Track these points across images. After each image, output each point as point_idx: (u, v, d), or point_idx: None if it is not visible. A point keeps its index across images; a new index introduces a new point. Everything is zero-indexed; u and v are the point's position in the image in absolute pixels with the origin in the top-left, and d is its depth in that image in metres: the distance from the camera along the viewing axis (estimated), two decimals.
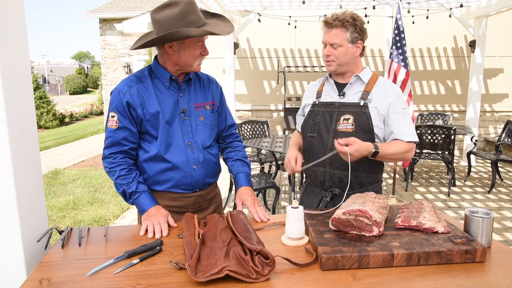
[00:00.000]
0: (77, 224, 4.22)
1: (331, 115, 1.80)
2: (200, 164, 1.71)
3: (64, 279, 1.16)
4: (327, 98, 1.85)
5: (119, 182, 1.63)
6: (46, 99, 15.05)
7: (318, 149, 1.82)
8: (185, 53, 1.59)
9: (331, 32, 1.72)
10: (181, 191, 1.72)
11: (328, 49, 1.75)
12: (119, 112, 1.61)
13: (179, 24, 1.51)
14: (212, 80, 1.83)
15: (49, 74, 42.82)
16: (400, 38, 4.45)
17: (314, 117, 1.86)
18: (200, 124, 1.71)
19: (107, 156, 1.64)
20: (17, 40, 1.41)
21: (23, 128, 1.43)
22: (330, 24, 1.72)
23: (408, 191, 5.17)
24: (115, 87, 1.64)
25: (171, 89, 1.66)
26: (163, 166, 1.67)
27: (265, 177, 4.20)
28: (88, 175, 6.59)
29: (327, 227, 1.40)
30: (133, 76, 1.66)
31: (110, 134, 1.63)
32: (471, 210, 1.38)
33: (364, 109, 1.74)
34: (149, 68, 1.69)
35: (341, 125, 1.76)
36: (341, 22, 1.70)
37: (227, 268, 1.10)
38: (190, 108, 1.69)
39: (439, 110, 7.66)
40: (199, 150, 1.70)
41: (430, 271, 1.17)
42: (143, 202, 1.62)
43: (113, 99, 1.62)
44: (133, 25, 7.17)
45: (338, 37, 1.71)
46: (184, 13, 1.51)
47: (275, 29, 7.48)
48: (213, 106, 1.77)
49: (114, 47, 13.93)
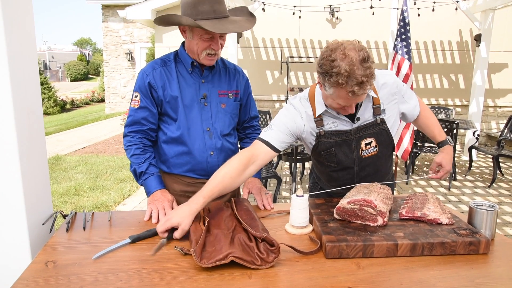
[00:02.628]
0: (78, 210, 4.24)
1: (348, 143, 1.55)
2: (217, 151, 1.73)
3: (70, 262, 1.17)
4: (337, 127, 1.54)
5: (132, 161, 1.66)
6: (47, 85, 14.99)
7: (343, 178, 1.64)
8: (193, 41, 1.62)
9: (361, 97, 1.36)
10: (197, 176, 1.75)
11: (352, 106, 1.43)
12: (141, 92, 1.66)
13: (190, 12, 1.55)
14: (238, 70, 1.85)
15: (50, 60, 42.61)
16: (405, 30, 4.42)
17: (326, 149, 1.57)
18: (221, 111, 1.73)
19: (127, 134, 1.70)
20: (24, 25, 1.40)
21: (29, 113, 1.42)
22: (359, 94, 1.31)
23: (408, 184, 5.18)
24: (142, 68, 1.70)
25: (193, 75, 1.70)
26: (180, 149, 1.71)
27: (267, 166, 4.21)
28: (89, 161, 6.60)
29: (331, 216, 1.40)
30: (159, 59, 1.71)
31: (131, 113, 1.69)
32: (475, 202, 1.38)
33: (382, 125, 1.56)
34: (175, 53, 1.73)
35: (365, 151, 1.57)
36: (369, 83, 1.31)
37: (233, 254, 1.11)
38: (211, 94, 1.71)
39: (442, 104, 7.63)
40: (217, 137, 1.73)
41: (434, 261, 1.18)
42: (150, 184, 1.64)
43: (138, 79, 1.68)
44: (136, 11, 7.11)
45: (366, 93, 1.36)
46: (196, 2, 1.54)
47: (279, 18, 7.41)
48: (236, 95, 1.79)
49: (116, 34, 13.82)
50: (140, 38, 13.80)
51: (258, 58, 7.80)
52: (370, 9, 6.22)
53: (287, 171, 5.78)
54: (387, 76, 1.57)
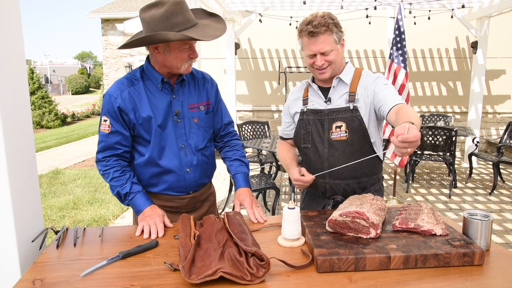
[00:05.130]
0: (76, 224, 4.21)
1: (322, 123, 1.72)
2: (193, 167, 1.69)
3: (58, 280, 1.15)
4: (314, 105, 1.75)
5: (113, 184, 1.61)
6: (48, 99, 15.06)
7: (315, 160, 1.76)
8: (171, 56, 1.53)
9: (319, 40, 1.59)
10: (175, 193, 1.71)
11: (320, 59, 1.62)
12: (111, 117, 1.58)
13: (163, 26, 1.45)
14: (207, 78, 1.78)
15: (51, 74, 42.90)
16: (400, 39, 4.43)
17: (305, 126, 1.77)
18: (194, 126, 1.68)
19: (101, 160, 1.63)
20: (12, 38, 1.40)
21: (18, 128, 1.42)
22: (315, 33, 1.58)
23: (409, 192, 5.15)
24: (107, 90, 1.61)
25: (164, 91, 1.62)
26: (156, 170, 1.66)
27: (265, 177, 4.19)
28: (89, 175, 6.59)
29: (324, 229, 1.39)
30: (125, 79, 1.62)
31: (103, 138, 1.61)
32: (470, 212, 1.36)
33: (355, 113, 1.66)
34: (141, 69, 1.64)
35: (334, 133, 1.69)
36: (325, 27, 1.58)
37: (222, 270, 1.09)
38: (183, 110, 1.65)
39: (440, 111, 7.63)
40: (192, 153, 1.68)
41: (428, 274, 1.16)
42: (138, 202, 1.60)
43: (105, 103, 1.59)
44: (134, 25, 7.17)
45: (328, 42, 1.60)
46: (169, 14, 1.45)
47: (276, 29, 7.47)
48: (208, 106, 1.73)
49: (116, 47, 13.93)
50: (139, 51, 13.88)
51: (256, 68, 7.83)
52: (366, 18, 6.26)
53: (286, 181, 5.76)
54: (371, 75, 1.71)
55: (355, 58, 7.64)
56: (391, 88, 1.65)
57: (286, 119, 1.90)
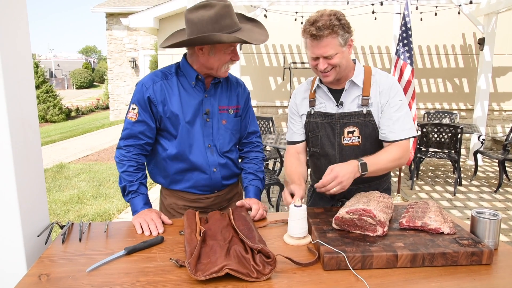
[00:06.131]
0: (81, 218, 4.23)
1: (332, 127, 1.64)
2: (220, 167, 1.69)
3: (63, 275, 1.15)
4: (323, 108, 1.66)
5: (123, 177, 1.62)
6: (53, 93, 15.10)
7: (325, 165, 1.60)
8: (214, 57, 1.55)
9: (322, 44, 1.49)
10: (199, 192, 1.71)
11: (323, 62, 1.52)
12: (140, 106, 1.59)
13: (212, 28, 1.47)
14: (240, 83, 1.79)
15: (56, 68, 42.99)
16: (407, 35, 4.38)
17: (313, 129, 1.69)
18: (222, 127, 1.68)
19: (122, 147, 1.64)
20: (19, 32, 1.39)
21: (24, 122, 1.41)
22: (318, 36, 1.47)
23: (413, 189, 5.13)
24: (141, 79, 1.63)
25: (197, 88, 1.64)
26: (182, 166, 1.66)
27: (270, 173, 4.18)
28: (93, 169, 6.61)
29: (330, 226, 1.38)
30: (160, 72, 1.64)
31: (128, 126, 1.62)
32: (478, 211, 1.35)
33: (368, 117, 1.59)
34: (176, 65, 1.67)
35: (346, 139, 1.62)
36: (330, 29, 1.46)
37: (228, 267, 1.09)
38: (213, 110, 1.66)
39: (446, 108, 7.58)
40: (218, 154, 1.68)
41: (435, 273, 1.15)
42: (138, 202, 1.61)
43: (136, 92, 1.61)
44: (138, 19, 7.17)
45: (331, 46, 1.49)
46: (218, 16, 1.46)
47: (282, 25, 7.42)
48: (237, 110, 1.73)
49: (120, 41, 13.93)
50: (143, 46, 13.90)
51: (261, 64, 7.80)
52: (372, 14, 6.20)
53: None
54: (384, 79, 1.62)
55: (361, 54, 7.59)
56: (402, 115, 1.58)
57: (294, 117, 1.79)
